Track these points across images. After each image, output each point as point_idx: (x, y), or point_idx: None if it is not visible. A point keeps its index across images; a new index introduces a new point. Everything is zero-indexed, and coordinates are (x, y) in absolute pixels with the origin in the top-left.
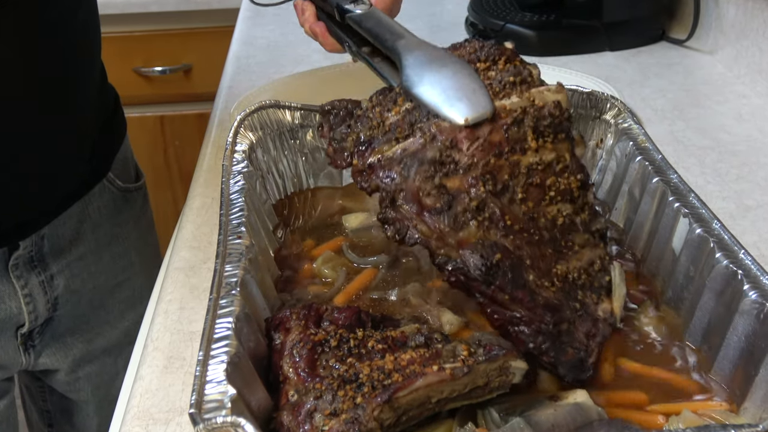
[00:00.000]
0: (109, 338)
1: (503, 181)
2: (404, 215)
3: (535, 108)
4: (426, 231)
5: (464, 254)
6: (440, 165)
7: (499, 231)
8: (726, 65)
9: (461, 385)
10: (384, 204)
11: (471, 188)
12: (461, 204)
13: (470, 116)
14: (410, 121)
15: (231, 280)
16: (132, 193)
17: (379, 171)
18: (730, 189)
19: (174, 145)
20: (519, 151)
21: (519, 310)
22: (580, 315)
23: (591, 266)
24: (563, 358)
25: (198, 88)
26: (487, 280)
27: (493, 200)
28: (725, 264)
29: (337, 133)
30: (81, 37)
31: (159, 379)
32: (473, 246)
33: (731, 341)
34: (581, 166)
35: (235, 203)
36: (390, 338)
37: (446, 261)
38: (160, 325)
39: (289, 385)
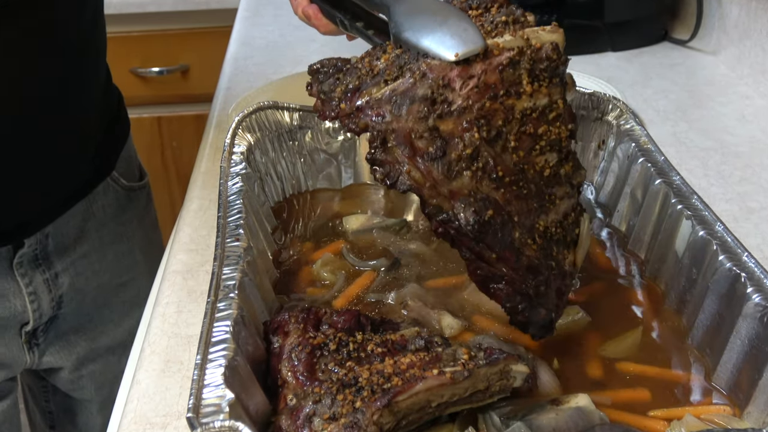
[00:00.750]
0: (113, 337)
1: (497, 127)
2: (396, 158)
3: (533, 50)
4: (419, 178)
5: (456, 207)
6: (433, 104)
7: (491, 183)
8: (729, 66)
9: (462, 389)
10: (374, 144)
11: (465, 133)
12: (455, 150)
13: (460, 51)
14: (399, 64)
15: (229, 283)
16: (136, 192)
17: (368, 110)
18: (733, 191)
19: (171, 146)
20: (514, 94)
21: (503, 269)
22: (554, 273)
23: (566, 219)
24: (535, 318)
25: (196, 89)
26: (477, 237)
27: (487, 148)
28: (728, 267)
29: (326, 85)
30: (87, 37)
31: (156, 383)
32: (466, 199)
33: (734, 345)
34: (572, 114)
35: (233, 205)
36: (390, 342)
37: (437, 212)
38: (157, 329)
39: (288, 389)
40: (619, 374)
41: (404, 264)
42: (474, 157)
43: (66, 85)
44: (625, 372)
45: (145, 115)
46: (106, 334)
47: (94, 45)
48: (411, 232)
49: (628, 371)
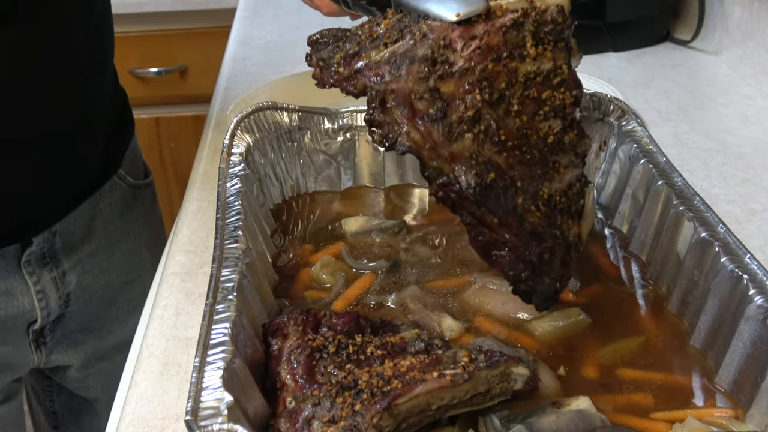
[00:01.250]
0: (120, 336)
1: (500, 89)
2: (395, 119)
3: (537, 12)
4: (418, 139)
5: (458, 170)
6: (433, 64)
7: (493, 146)
8: (731, 66)
9: (462, 392)
10: (372, 104)
11: (467, 95)
12: (456, 112)
13: (462, 11)
14: (399, 27)
15: (228, 285)
16: (141, 190)
17: (367, 71)
18: (735, 192)
19: (169, 147)
20: (517, 57)
21: (505, 235)
22: (558, 243)
23: (570, 189)
24: (540, 287)
25: (194, 89)
26: (479, 200)
27: (489, 111)
28: (730, 268)
29: (324, 53)
30: (95, 38)
31: (154, 386)
32: (467, 161)
33: (737, 347)
34: (578, 80)
35: (231, 207)
36: (389, 344)
37: (438, 174)
38: (155, 331)
39: (287, 392)
40: (621, 377)
41: (404, 266)
42: (476, 120)
43: (74, 86)
44: (626, 374)
45: (143, 115)
46: (113, 332)
47: (102, 46)
48: (410, 233)
49: (630, 374)
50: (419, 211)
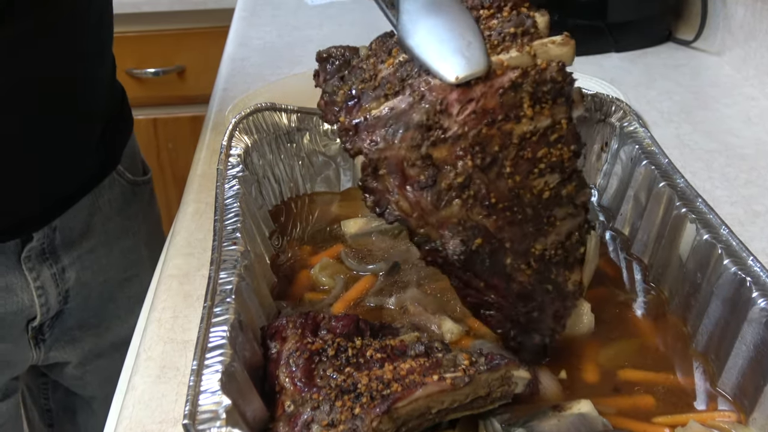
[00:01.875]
0: (118, 333)
1: (492, 153)
2: (386, 187)
3: (537, 71)
4: (407, 208)
5: (444, 236)
6: (427, 130)
7: (483, 210)
8: (734, 67)
9: (462, 396)
10: (366, 171)
11: (458, 161)
12: (446, 179)
13: (461, 74)
14: (402, 75)
15: (226, 288)
16: (140, 187)
17: (364, 133)
18: (738, 194)
19: (167, 148)
20: (513, 118)
21: (492, 296)
22: (551, 297)
23: (568, 239)
24: (528, 343)
25: (192, 90)
26: (464, 266)
27: (480, 176)
28: (733, 271)
29: (329, 85)
30: (95, 32)
31: (152, 389)
32: (454, 228)
33: (740, 350)
34: (576, 135)
35: (230, 209)
36: (389, 347)
37: (425, 241)
38: (153, 334)
39: (286, 396)
40: (623, 380)
41: (404, 268)
42: (465, 186)
43: (73, 81)
44: (628, 378)
45: (140, 116)
46: (111, 330)
47: (101, 40)
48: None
49: (632, 377)
50: None
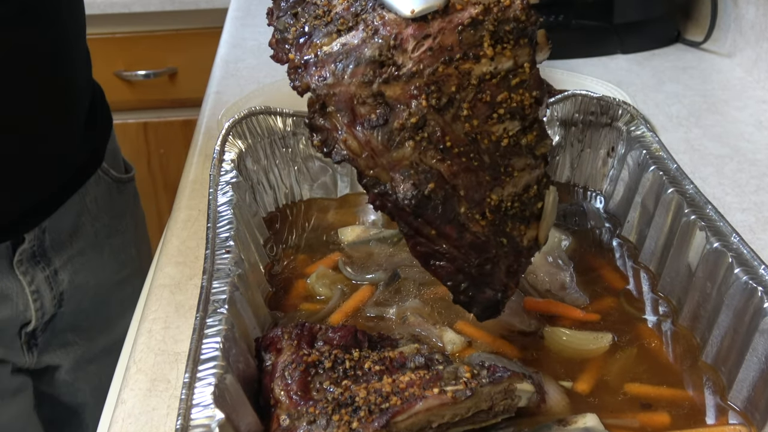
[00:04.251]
0: (110, 337)
1: (449, 93)
2: (334, 125)
3: (500, 8)
4: (356, 148)
5: (395, 179)
6: (380, 67)
7: (437, 154)
8: (745, 69)
9: (464, 409)
10: (313, 108)
11: (412, 100)
12: (399, 119)
13: (417, 8)
14: (356, 10)
15: (219, 298)
16: (125, 185)
17: (312, 68)
18: (749, 200)
19: (158, 153)
20: (472, 58)
21: (443, 246)
22: (505, 251)
23: (526, 192)
24: (480, 297)
25: (184, 93)
26: (415, 211)
27: (435, 117)
28: (744, 280)
29: (281, 22)
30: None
31: (142, 403)
32: (406, 171)
33: (751, 362)
34: (540, 80)
35: (223, 216)
36: (388, 359)
37: (374, 183)
38: (143, 345)
39: (281, 409)
40: (630, 393)
41: (404, 277)
42: (419, 126)
43: (50, 80)
44: (635, 391)
45: (130, 120)
46: (103, 334)
47: (76, 33)
48: None
49: (639, 390)
50: None
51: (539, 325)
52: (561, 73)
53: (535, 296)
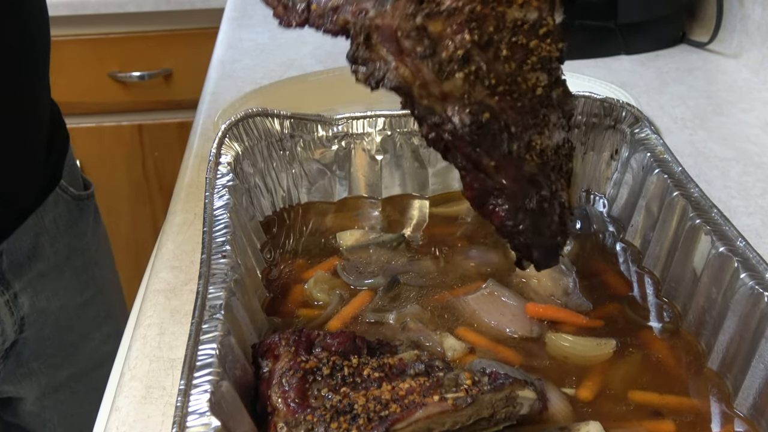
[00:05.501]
0: (76, 362)
1: (489, 32)
2: (381, 56)
3: None
4: (408, 76)
5: (450, 109)
6: (420, 2)
7: (485, 89)
8: (752, 70)
9: (464, 417)
10: (357, 41)
11: (456, 35)
12: (446, 50)
13: None
14: None
15: (215, 303)
16: (85, 202)
17: (347, 7)
18: (755, 204)
19: (153, 156)
20: (505, 2)
21: (502, 181)
22: (555, 196)
23: (559, 149)
24: (540, 240)
25: (179, 94)
26: (474, 140)
27: (479, 53)
28: (750, 285)
29: None
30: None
31: (137, 411)
32: (459, 101)
33: (757, 369)
34: (563, 33)
35: (219, 220)
36: (387, 366)
37: (429, 113)
38: (138, 352)
39: (278, 417)
40: (633, 400)
41: (404, 282)
42: (466, 60)
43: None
44: (639, 398)
45: (125, 122)
46: (69, 360)
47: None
48: (410, 248)
49: (643, 397)
50: (419, 224)
51: (541, 331)
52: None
53: (538, 302)
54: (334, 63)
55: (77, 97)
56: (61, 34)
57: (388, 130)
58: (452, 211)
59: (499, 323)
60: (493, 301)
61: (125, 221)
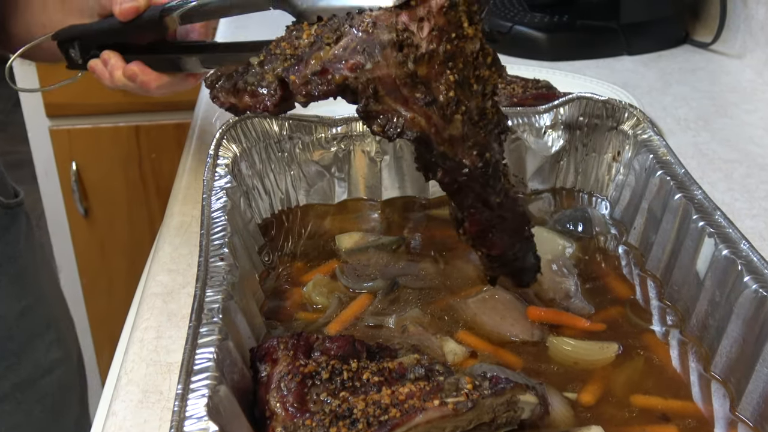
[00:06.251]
0: (19, 373)
1: (459, 70)
2: (391, 107)
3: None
4: (423, 124)
5: (460, 151)
6: (401, 49)
7: (473, 127)
8: (755, 70)
9: (465, 421)
10: (364, 95)
11: (440, 77)
12: (441, 94)
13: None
14: (333, 27)
15: (212, 307)
16: (14, 210)
17: (338, 65)
18: (759, 206)
19: (150, 158)
20: (462, 37)
21: (506, 213)
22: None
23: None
24: (528, 263)
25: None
26: (485, 181)
27: (460, 92)
28: (754, 288)
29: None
30: None
31: (134, 415)
32: (464, 143)
33: (761, 373)
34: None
35: (217, 222)
36: (387, 370)
37: (444, 158)
38: (134, 356)
39: (277, 422)
40: (636, 405)
41: (403, 285)
42: (457, 102)
43: None
44: (642, 402)
45: (121, 123)
46: (12, 370)
47: None
48: (410, 250)
49: (646, 402)
50: (419, 227)
51: (543, 335)
52: (565, 75)
53: (539, 305)
54: None
55: (73, 98)
56: None
57: None
58: None
59: (500, 327)
60: (493, 305)
61: (122, 223)
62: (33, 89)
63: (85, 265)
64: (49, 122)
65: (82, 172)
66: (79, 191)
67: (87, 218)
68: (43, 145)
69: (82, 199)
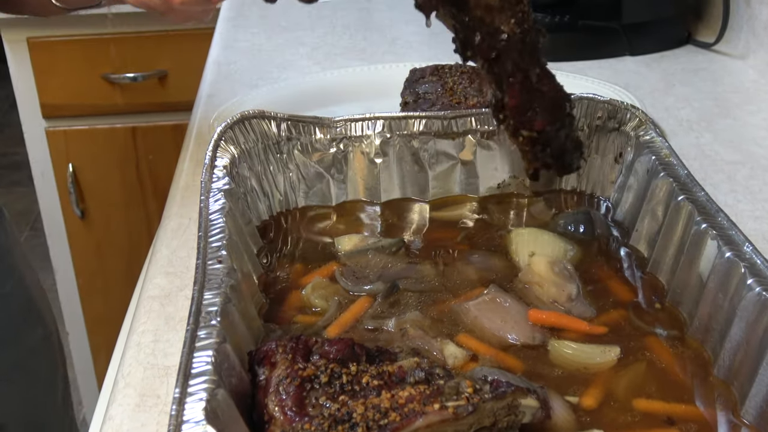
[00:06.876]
0: (11, 354)
1: None
2: None
3: None
4: None
5: (498, 18)
6: None
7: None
8: (759, 71)
9: (465, 425)
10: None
11: None
12: None
13: None
14: None
15: (211, 310)
16: None
17: None
18: (763, 208)
19: (147, 159)
20: None
21: (544, 88)
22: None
23: None
24: (570, 144)
25: (174, 96)
26: (523, 48)
27: None
28: (758, 291)
29: None
30: None
31: (131, 419)
32: (502, 12)
33: (765, 377)
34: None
35: (215, 224)
36: (387, 373)
37: (481, 24)
38: (132, 359)
39: (275, 426)
40: (638, 408)
41: (403, 288)
42: None
43: None
44: (644, 406)
45: (118, 125)
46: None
47: None
48: (410, 253)
49: (648, 406)
50: (419, 229)
51: (544, 338)
52: (566, 75)
53: (541, 308)
54: (332, 64)
55: (69, 99)
56: (53, 34)
57: (387, 133)
58: (453, 215)
59: (500, 330)
60: (494, 308)
61: (119, 226)
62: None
63: (82, 268)
64: (45, 123)
65: (79, 173)
66: (76, 193)
67: (84, 220)
68: (40, 146)
69: (78, 201)
